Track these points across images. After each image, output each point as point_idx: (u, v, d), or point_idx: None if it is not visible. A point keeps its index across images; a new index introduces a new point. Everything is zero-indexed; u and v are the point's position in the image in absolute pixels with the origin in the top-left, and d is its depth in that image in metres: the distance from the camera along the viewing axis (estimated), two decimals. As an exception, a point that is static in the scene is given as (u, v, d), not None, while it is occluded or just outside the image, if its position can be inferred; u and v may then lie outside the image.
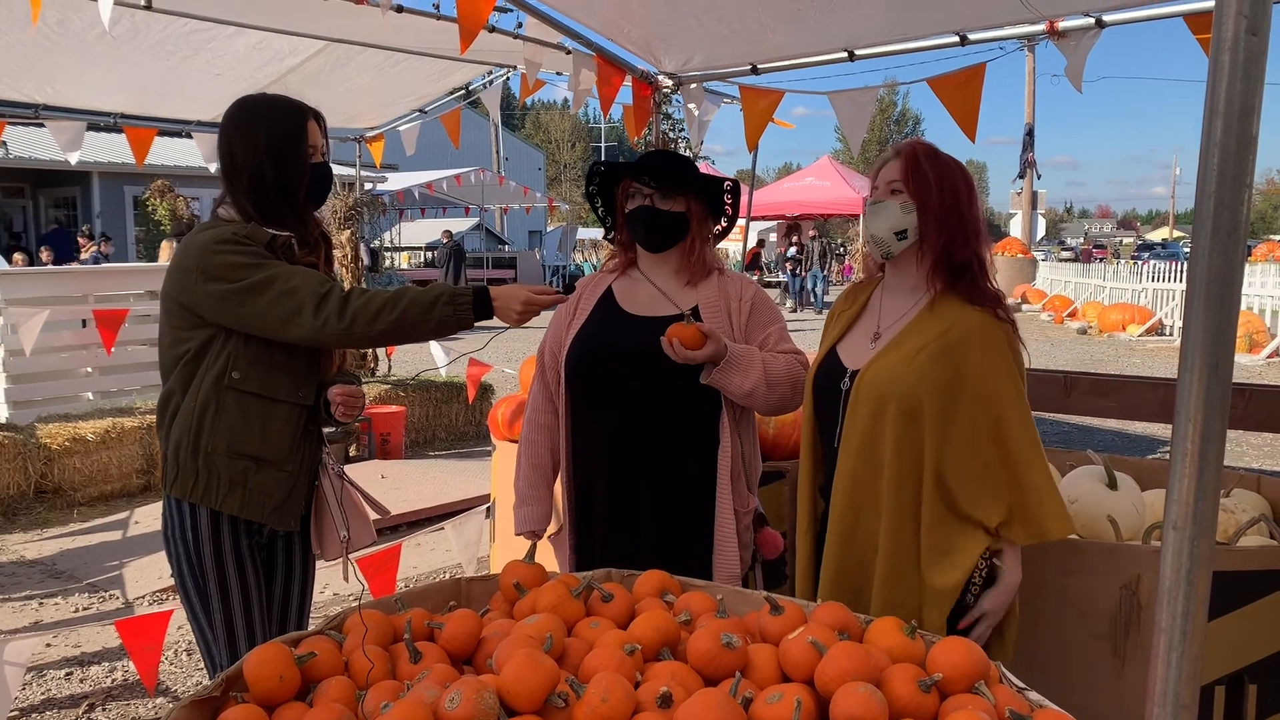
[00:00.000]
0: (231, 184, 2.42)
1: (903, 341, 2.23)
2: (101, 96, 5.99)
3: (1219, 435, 1.11)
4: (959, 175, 2.28)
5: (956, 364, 2.15)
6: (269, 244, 2.36)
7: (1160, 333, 18.16)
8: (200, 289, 2.31)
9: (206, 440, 2.36)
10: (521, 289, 2.38)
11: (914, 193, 2.26)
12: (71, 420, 7.04)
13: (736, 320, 2.58)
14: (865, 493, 2.21)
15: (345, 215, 9.04)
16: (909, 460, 2.15)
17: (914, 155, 2.29)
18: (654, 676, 1.64)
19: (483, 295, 2.32)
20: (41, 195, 21.69)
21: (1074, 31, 3.91)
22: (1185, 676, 1.12)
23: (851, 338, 2.38)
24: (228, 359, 2.36)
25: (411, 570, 5.38)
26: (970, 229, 2.25)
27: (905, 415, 2.15)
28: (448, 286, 2.34)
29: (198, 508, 2.38)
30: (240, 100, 2.47)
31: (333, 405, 2.48)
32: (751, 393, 2.46)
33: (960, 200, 2.24)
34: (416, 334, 2.34)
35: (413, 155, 7.92)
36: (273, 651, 1.70)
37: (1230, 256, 1.10)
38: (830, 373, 2.35)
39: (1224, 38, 1.10)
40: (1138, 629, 2.52)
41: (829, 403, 2.33)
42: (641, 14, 4.49)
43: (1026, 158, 16.84)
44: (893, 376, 2.18)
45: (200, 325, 2.37)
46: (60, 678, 4.11)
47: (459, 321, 2.31)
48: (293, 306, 2.27)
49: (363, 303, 2.27)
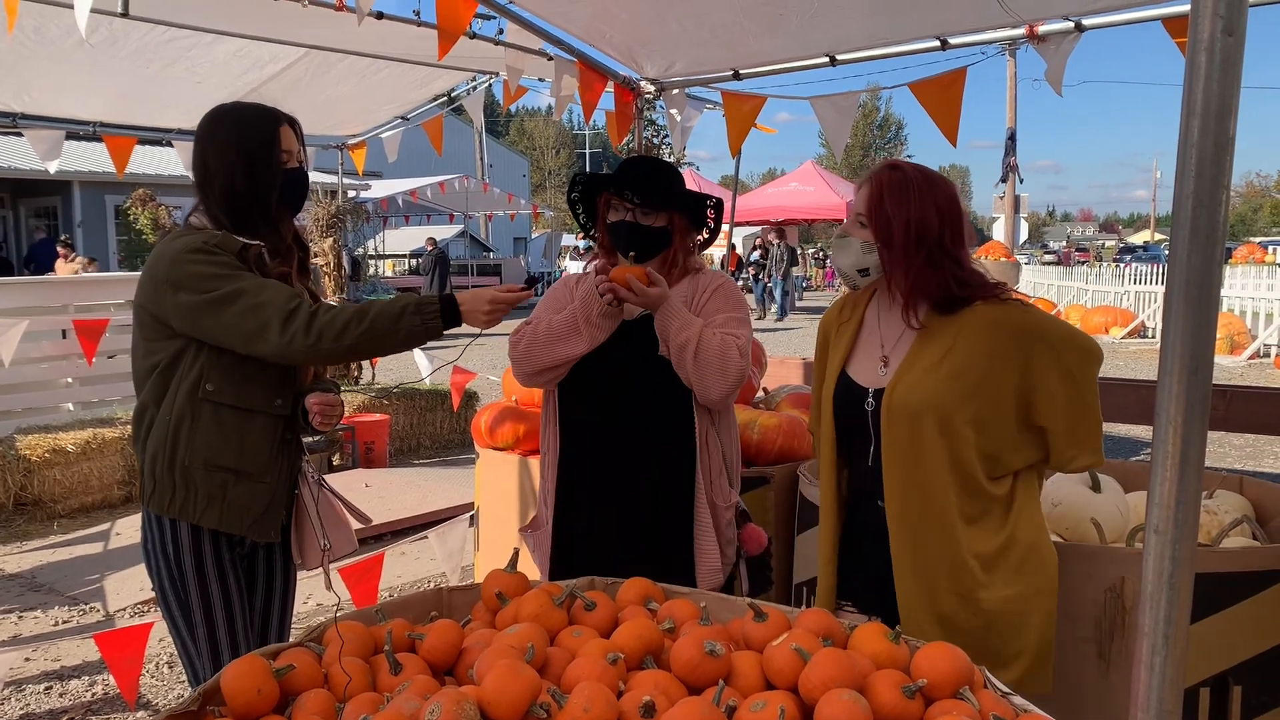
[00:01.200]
0: (204, 193, 2.40)
1: (919, 357, 2.21)
2: (80, 105, 5.95)
3: (1199, 438, 1.10)
4: (931, 205, 2.17)
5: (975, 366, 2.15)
6: (240, 253, 2.33)
7: (1143, 335, 18.27)
8: (169, 299, 2.28)
9: (183, 454, 2.33)
10: (486, 290, 2.37)
11: (877, 232, 2.21)
12: (51, 431, 6.96)
13: (697, 306, 2.59)
14: (918, 509, 2.19)
15: (328, 223, 9.00)
16: (953, 463, 2.15)
17: (878, 190, 2.20)
18: (637, 685, 1.62)
19: (449, 302, 2.32)
20: (22, 205, 21.51)
21: (1054, 35, 3.93)
22: (1169, 681, 1.11)
23: (859, 359, 2.35)
24: (201, 370, 2.33)
25: (395, 579, 5.35)
26: (944, 259, 2.17)
27: (943, 424, 2.14)
28: (414, 297, 2.32)
29: (178, 522, 2.36)
30: (213, 110, 2.44)
31: (310, 414, 2.45)
32: (683, 348, 2.44)
33: (930, 233, 2.16)
34: (386, 346, 2.32)
35: (396, 162, 7.89)
36: (250, 664, 1.68)
37: (1209, 258, 1.10)
38: (849, 394, 2.32)
39: (1200, 39, 1.09)
40: (1123, 632, 2.52)
41: (854, 422, 2.31)
42: (623, 20, 4.48)
43: (1009, 162, 16.91)
44: (925, 391, 2.16)
45: (171, 336, 2.34)
46: (40, 692, 4.06)
47: (427, 331, 2.29)
48: (259, 322, 2.24)
49: (329, 319, 2.24)
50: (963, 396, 2.14)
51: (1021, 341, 2.14)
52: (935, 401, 2.14)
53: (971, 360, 2.15)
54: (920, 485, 2.18)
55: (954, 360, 2.16)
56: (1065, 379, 2.13)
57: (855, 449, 2.34)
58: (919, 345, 2.22)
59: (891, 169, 2.24)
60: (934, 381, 2.16)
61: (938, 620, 2.16)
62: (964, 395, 2.14)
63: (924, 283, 2.18)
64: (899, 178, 2.20)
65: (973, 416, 2.14)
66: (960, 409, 2.14)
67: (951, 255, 2.18)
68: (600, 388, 2.58)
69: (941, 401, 2.14)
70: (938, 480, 2.16)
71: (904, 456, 2.19)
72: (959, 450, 2.15)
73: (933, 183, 2.20)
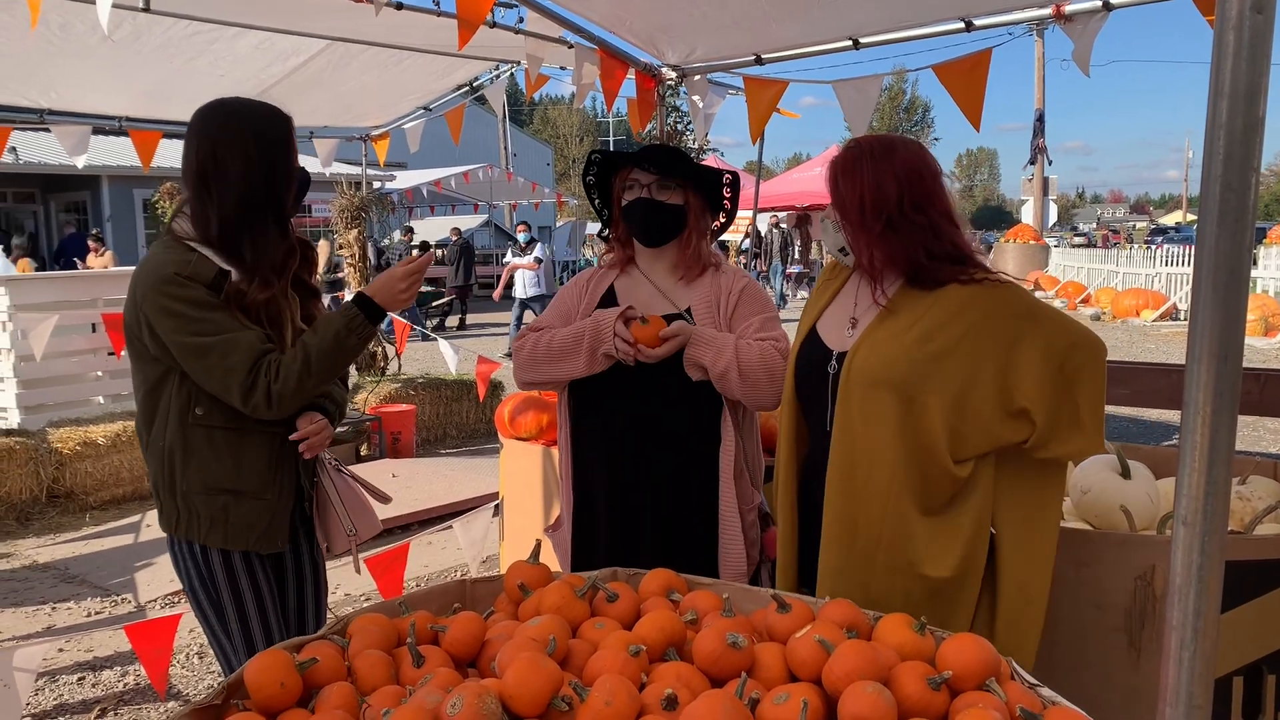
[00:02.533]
0: (207, 190, 2.29)
1: (889, 320, 2.14)
2: (106, 100, 5.98)
3: (1229, 428, 1.08)
4: (887, 173, 2.11)
5: (946, 338, 2.08)
6: (215, 281, 2.27)
7: (1174, 318, 18.04)
8: (143, 330, 2.28)
9: (180, 480, 2.34)
10: (391, 272, 2.42)
11: (838, 209, 2.20)
12: (82, 424, 7.05)
13: (724, 313, 2.56)
14: (864, 478, 2.12)
15: (352, 214, 9.03)
16: (910, 438, 2.07)
17: (834, 169, 2.19)
18: (659, 678, 1.62)
19: (366, 303, 2.37)
20: (52, 200, 21.74)
21: (1081, 15, 3.86)
22: (1198, 675, 1.09)
23: (829, 318, 2.29)
24: (188, 396, 2.32)
25: (422, 569, 5.38)
26: (907, 226, 2.10)
27: (901, 392, 2.07)
28: (338, 320, 2.36)
29: (193, 541, 2.39)
30: (217, 104, 2.36)
31: (299, 446, 2.42)
32: (725, 373, 2.42)
33: (887, 201, 2.10)
34: (339, 371, 2.45)
35: (421, 153, 7.90)
36: (274, 658, 1.68)
37: (1238, 242, 1.07)
38: (813, 355, 2.26)
39: (1228, 16, 1.06)
40: (1153, 620, 2.49)
41: (815, 385, 2.25)
42: (643, 6, 4.45)
43: (1037, 144, 16.76)
44: (889, 356, 2.10)
45: (152, 360, 2.32)
46: (73, 682, 4.12)
47: (363, 339, 2.37)
48: (224, 385, 2.25)
49: (281, 385, 2.26)
50: (930, 365, 2.06)
51: (1004, 318, 2.07)
52: (899, 368, 2.08)
53: (943, 329, 2.08)
54: (867, 454, 2.10)
55: (923, 327, 2.09)
56: (1046, 359, 2.05)
57: (815, 414, 2.27)
58: (886, 314, 2.16)
59: (847, 148, 2.23)
60: (899, 347, 2.09)
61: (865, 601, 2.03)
62: (932, 363, 2.06)
63: (887, 252, 2.12)
64: (852, 154, 2.18)
65: (941, 388, 2.06)
66: (928, 379, 2.06)
67: (916, 223, 2.10)
68: (617, 391, 2.55)
69: (905, 369, 2.07)
70: (886, 455, 2.08)
71: (850, 424, 2.12)
72: (921, 423, 2.06)
73: (890, 151, 2.16)
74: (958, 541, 2.10)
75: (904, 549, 2.10)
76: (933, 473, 2.08)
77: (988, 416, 2.07)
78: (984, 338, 2.07)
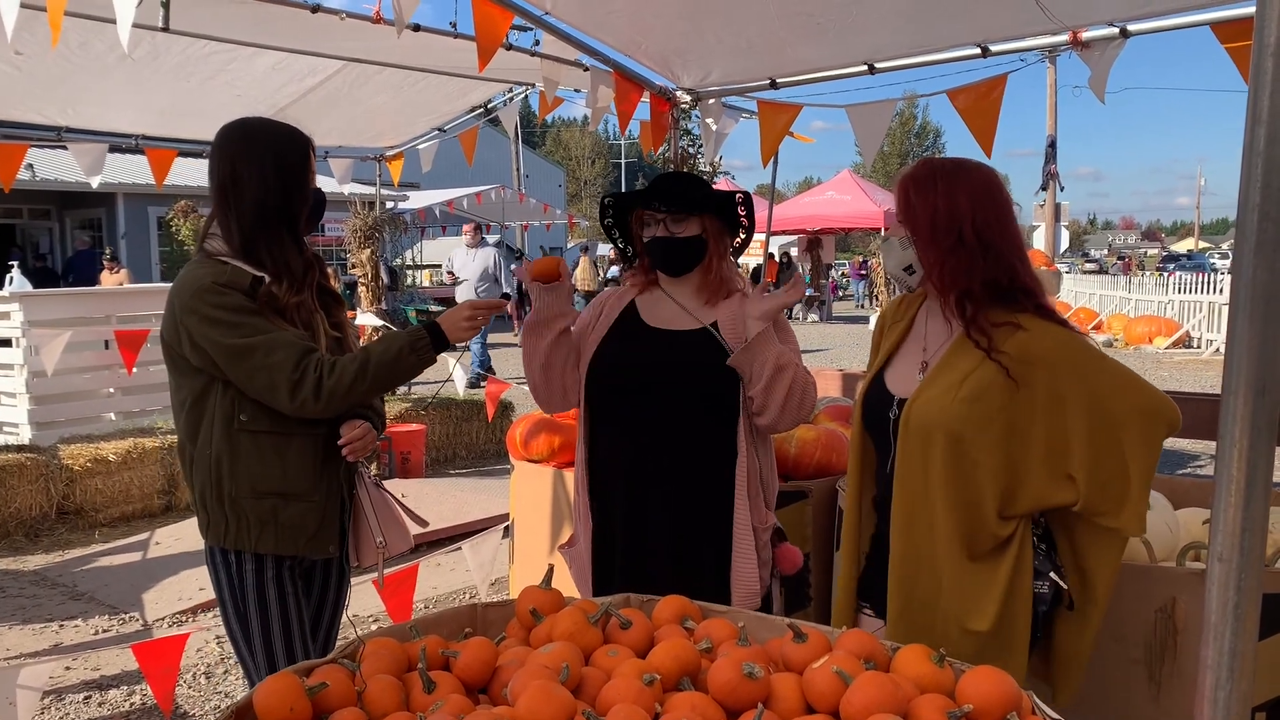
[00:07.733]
0: (227, 204, 2.41)
1: (945, 371, 2.14)
2: (123, 118, 6.01)
3: (1267, 462, 1.05)
4: (962, 191, 2.12)
5: (1000, 394, 2.06)
6: (251, 288, 2.35)
7: (1187, 345, 17.95)
8: (184, 342, 2.34)
9: (229, 486, 2.37)
10: (463, 306, 2.52)
11: (908, 224, 2.18)
12: (93, 441, 7.05)
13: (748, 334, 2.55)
14: (923, 529, 2.13)
15: (366, 234, 9.04)
16: (958, 491, 2.07)
17: (904, 186, 2.19)
18: (673, 708, 1.59)
19: (435, 330, 2.46)
20: (68, 217, 21.88)
21: (1098, 41, 3.85)
22: (1234, 716, 1.06)
23: (899, 362, 2.30)
24: (232, 403, 2.37)
25: (431, 590, 5.35)
26: (979, 246, 2.09)
27: (952, 447, 2.07)
28: (404, 336, 2.45)
29: (242, 553, 2.41)
30: (240, 124, 2.47)
31: (343, 451, 2.46)
32: (780, 372, 2.40)
33: (958, 218, 2.10)
34: (391, 386, 2.56)
35: (433, 173, 7.90)
36: (283, 682, 1.66)
37: (1275, 272, 1.04)
38: (879, 399, 2.28)
39: (1266, 43, 1.04)
40: (1174, 654, 2.45)
41: (879, 427, 2.28)
42: (659, 30, 4.46)
43: (1049, 169, 16.76)
44: (939, 410, 2.10)
45: (195, 371, 2.38)
46: (79, 701, 4.09)
47: (423, 363, 2.45)
48: (268, 384, 2.31)
49: (335, 380, 2.33)
50: (981, 422, 2.05)
51: (1057, 372, 2.05)
52: (946, 423, 2.07)
53: (995, 384, 2.06)
54: (925, 503, 2.11)
55: (976, 382, 2.07)
56: (1099, 425, 2.03)
57: (879, 454, 2.32)
58: (951, 356, 2.15)
59: (921, 164, 2.23)
60: (949, 402, 2.08)
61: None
62: (982, 420, 2.05)
63: (958, 270, 2.11)
64: (925, 170, 2.19)
65: (993, 444, 2.05)
66: (978, 435, 2.05)
67: (987, 244, 2.10)
68: (636, 406, 2.55)
69: (953, 424, 2.06)
70: (939, 505, 2.09)
71: (911, 472, 2.14)
72: (970, 477, 2.06)
73: (963, 170, 2.17)
74: (994, 592, 2.08)
75: (957, 599, 2.10)
76: (976, 528, 2.08)
77: (1036, 478, 2.07)
78: (1036, 388, 2.05)
